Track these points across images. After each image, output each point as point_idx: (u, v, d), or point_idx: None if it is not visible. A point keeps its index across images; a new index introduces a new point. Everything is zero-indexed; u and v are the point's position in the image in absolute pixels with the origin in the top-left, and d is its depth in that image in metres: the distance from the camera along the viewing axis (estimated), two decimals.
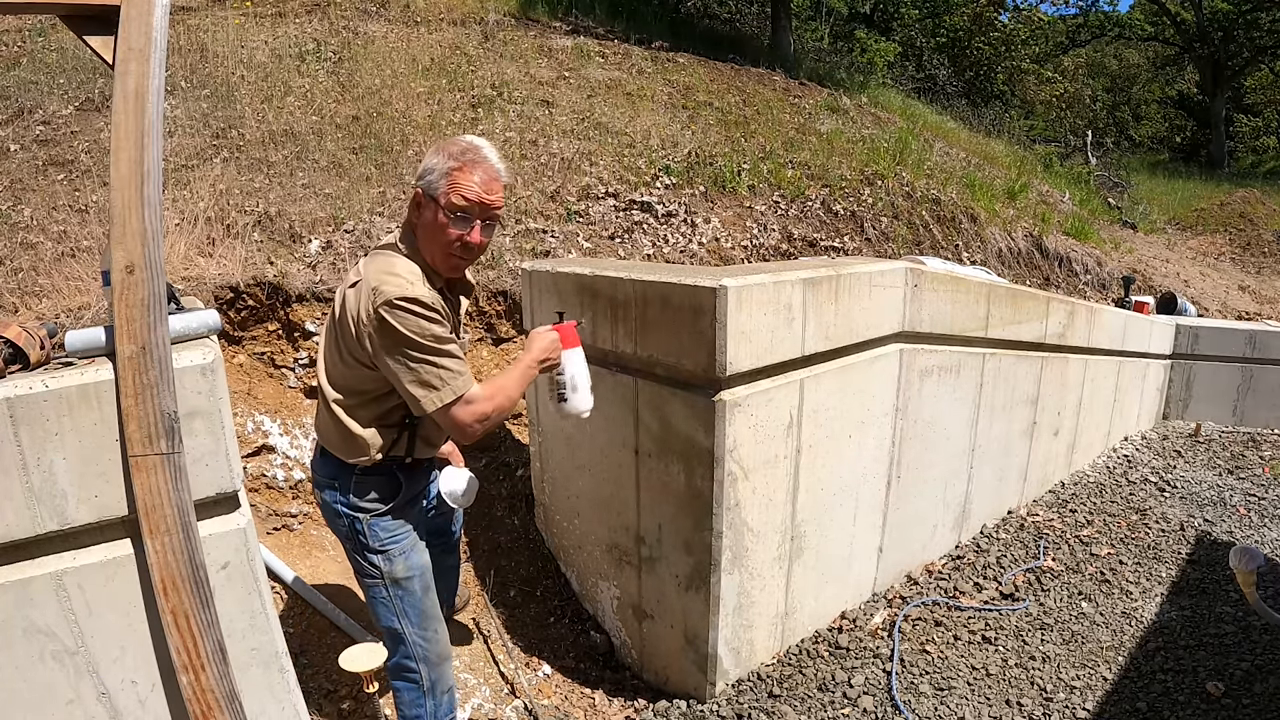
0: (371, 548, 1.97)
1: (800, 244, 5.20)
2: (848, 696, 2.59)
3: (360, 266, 1.85)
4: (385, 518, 1.98)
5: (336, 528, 2.04)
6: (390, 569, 1.99)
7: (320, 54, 5.67)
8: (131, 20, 1.58)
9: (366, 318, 1.73)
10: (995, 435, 3.67)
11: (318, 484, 2.03)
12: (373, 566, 1.99)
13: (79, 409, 1.48)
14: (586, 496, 2.91)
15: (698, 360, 2.27)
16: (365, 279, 1.76)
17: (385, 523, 1.98)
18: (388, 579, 2.00)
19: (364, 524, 1.96)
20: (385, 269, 1.77)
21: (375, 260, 1.82)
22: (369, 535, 1.96)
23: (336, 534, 2.08)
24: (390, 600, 2.02)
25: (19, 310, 3.13)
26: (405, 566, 2.01)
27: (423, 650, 2.08)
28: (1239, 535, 3.87)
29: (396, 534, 2.00)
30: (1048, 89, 19.05)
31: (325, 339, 1.94)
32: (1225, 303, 8.13)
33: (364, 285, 1.75)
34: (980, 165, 8.56)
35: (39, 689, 1.54)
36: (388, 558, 1.99)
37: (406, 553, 2.02)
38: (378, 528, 1.97)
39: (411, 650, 2.07)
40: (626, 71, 6.93)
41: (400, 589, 2.02)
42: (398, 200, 4.20)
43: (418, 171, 1.82)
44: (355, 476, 1.94)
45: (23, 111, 4.47)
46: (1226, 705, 2.53)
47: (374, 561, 1.99)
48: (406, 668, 2.09)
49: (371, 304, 1.71)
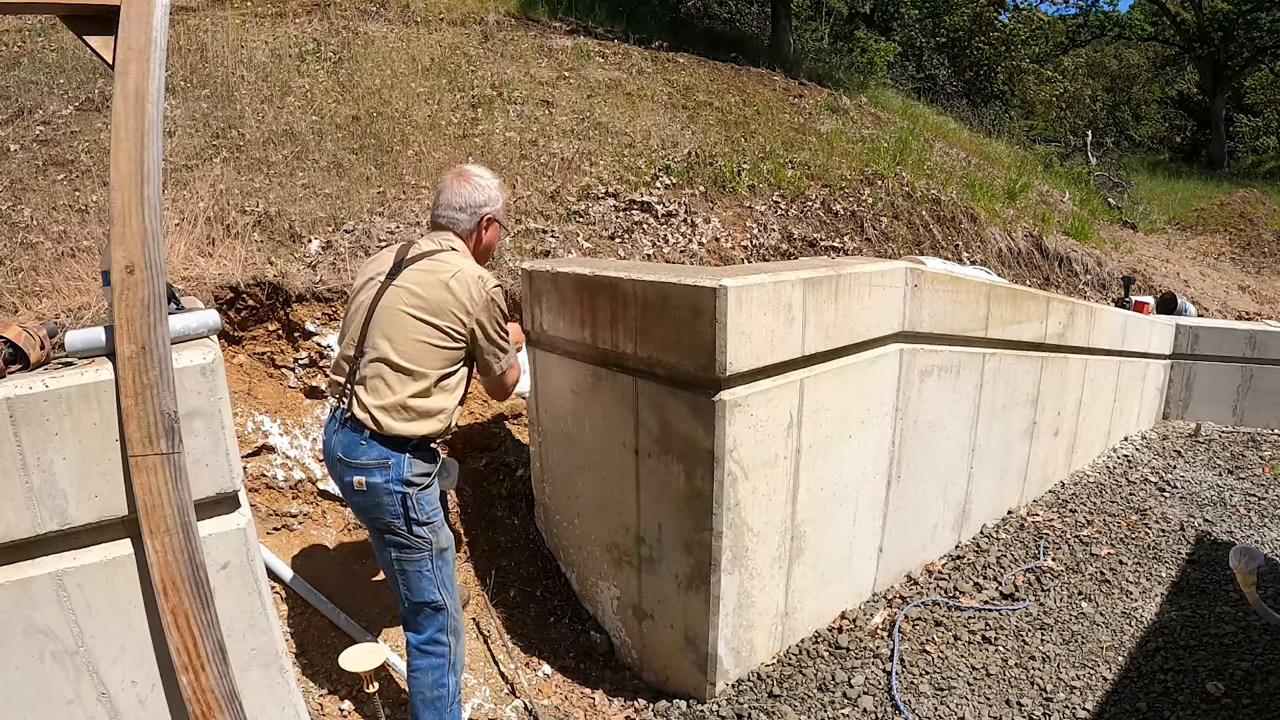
0: (421, 520, 2.13)
1: (800, 244, 5.20)
2: (848, 696, 2.59)
3: (443, 261, 2.17)
4: (429, 491, 2.16)
5: (382, 509, 2.11)
6: (437, 540, 2.17)
7: (320, 54, 5.67)
8: (131, 20, 1.58)
9: (480, 297, 2.13)
10: (995, 435, 3.67)
11: (360, 470, 2.09)
12: (421, 540, 2.14)
13: (79, 409, 1.48)
14: (586, 496, 2.90)
15: (698, 360, 2.27)
16: (465, 271, 2.14)
17: (429, 495, 2.16)
18: (434, 549, 2.17)
19: (414, 498, 2.11)
20: (472, 265, 2.21)
21: (453, 258, 2.19)
22: (418, 509, 2.12)
23: (377, 517, 2.14)
24: (434, 571, 2.18)
25: (19, 310, 3.12)
26: (446, 537, 2.22)
27: (454, 622, 2.24)
28: (1239, 535, 3.87)
29: (437, 506, 2.20)
30: (1048, 89, 19.04)
31: (397, 331, 2.10)
32: (1225, 303, 8.13)
33: (465, 276, 2.13)
34: (980, 165, 8.56)
35: (39, 689, 1.54)
36: (433, 529, 2.16)
37: (444, 525, 2.22)
38: (424, 500, 2.14)
39: (448, 622, 2.22)
40: (626, 71, 6.93)
41: (443, 559, 2.20)
42: (398, 200, 4.20)
43: (479, 199, 2.29)
44: (409, 455, 2.10)
45: (23, 111, 4.46)
46: (1226, 705, 2.53)
47: (422, 534, 2.14)
48: (438, 641, 2.21)
49: (483, 288, 2.14)
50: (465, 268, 2.16)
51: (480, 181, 2.30)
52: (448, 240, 2.25)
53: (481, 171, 2.34)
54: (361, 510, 2.19)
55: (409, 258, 2.20)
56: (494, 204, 2.32)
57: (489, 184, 2.31)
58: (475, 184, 2.29)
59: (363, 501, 2.15)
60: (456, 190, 2.28)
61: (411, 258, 2.19)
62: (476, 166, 2.37)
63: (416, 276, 2.14)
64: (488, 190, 2.30)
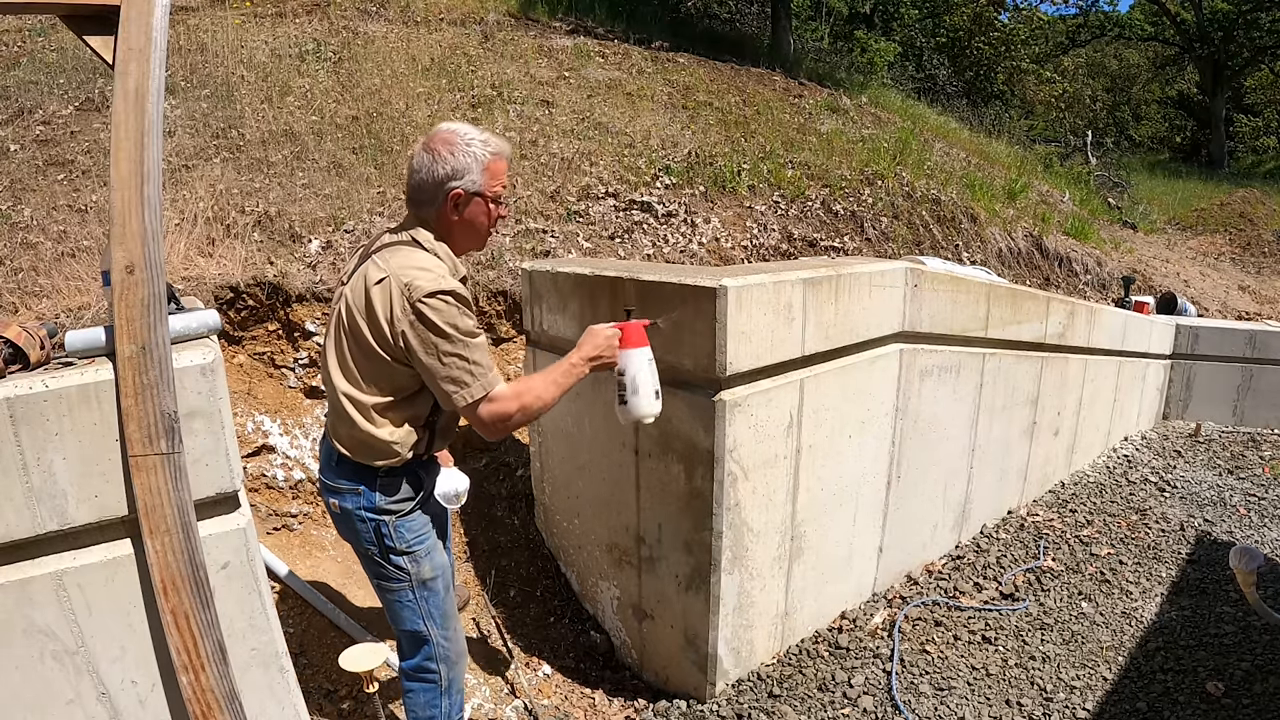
0: (398, 550, 1.92)
1: (800, 244, 5.20)
2: (848, 696, 2.59)
3: (377, 262, 1.79)
4: (410, 518, 1.93)
5: (357, 536, 1.95)
6: (417, 571, 1.95)
7: (320, 54, 5.67)
8: (131, 20, 1.58)
9: (401, 312, 1.70)
10: (995, 435, 3.67)
11: (333, 493, 1.92)
12: (399, 570, 1.94)
13: (79, 409, 1.48)
14: (586, 496, 2.91)
15: (698, 360, 2.27)
16: (392, 275, 1.73)
17: (410, 523, 1.93)
18: (415, 581, 1.95)
19: (390, 526, 1.90)
20: (411, 264, 1.75)
21: (395, 255, 1.79)
22: (395, 538, 1.91)
23: (355, 543, 1.99)
24: (416, 603, 1.98)
25: (19, 310, 3.13)
26: (430, 567, 1.98)
27: (444, 650, 2.06)
28: (1239, 535, 3.87)
29: (421, 534, 1.96)
30: (1048, 89, 19.03)
31: (335, 343, 1.85)
32: (1225, 303, 8.13)
33: (391, 281, 1.72)
34: (980, 165, 8.56)
35: (39, 689, 1.54)
36: (414, 559, 1.94)
37: (431, 553, 1.99)
38: (404, 529, 1.92)
39: (435, 651, 2.03)
40: (626, 71, 6.93)
41: (426, 590, 1.98)
42: (398, 200, 4.20)
43: (443, 172, 1.80)
44: (380, 478, 1.88)
45: (23, 111, 4.46)
46: (1226, 705, 2.53)
47: (400, 564, 1.93)
48: (426, 669, 2.05)
49: (406, 299, 1.69)
50: (400, 267, 1.74)
51: (445, 150, 1.80)
52: (411, 228, 1.86)
53: (453, 132, 1.82)
54: (341, 534, 2.06)
55: (370, 251, 1.87)
56: (465, 174, 1.81)
57: (461, 149, 1.80)
58: (438, 152, 1.80)
59: (340, 525, 2.00)
60: (418, 162, 1.83)
61: (371, 252, 1.86)
62: (451, 125, 1.86)
63: (355, 282, 1.81)
64: (454, 159, 1.80)
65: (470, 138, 1.82)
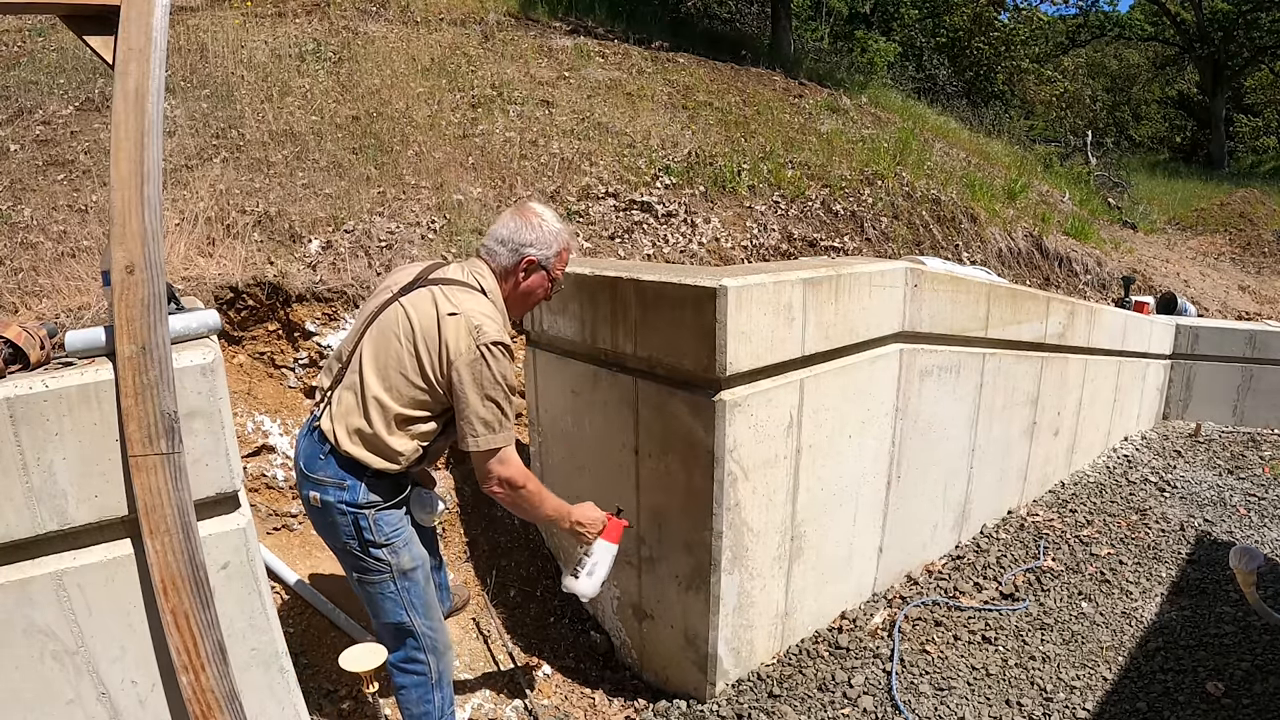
0: (377, 542, 2.00)
1: (800, 244, 5.20)
2: (848, 696, 2.59)
3: (448, 295, 1.96)
4: (388, 511, 2.02)
5: (335, 530, 2.01)
6: (397, 561, 2.03)
7: (320, 54, 5.67)
8: (131, 20, 1.58)
9: (466, 349, 1.89)
10: (995, 435, 3.67)
11: (316, 485, 1.99)
12: (379, 562, 2.02)
13: (79, 409, 1.48)
14: (587, 496, 2.89)
15: (698, 360, 2.27)
16: (465, 314, 1.91)
17: (388, 516, 2.02)
18: (395, 572, 2.03)
19: (369, 519, 1.98)
20: (482, 310, 1.96)
21: (466, 296, 1.98)
22: (375, 530, 1.99)
23: (333, 536, 2.04)
24: (398, 593, 2.05)
25: (19, 310, 3.13)
26: (410, 557, 2.06)
27: (430, 640, 2.13)
28: (1239, 535, 3.86)
29: (399, 526, 2.05)
30: (1048, 89, 19.03)
31: (380, 347, 1.96)
32: (1225, 303, 8.13)
33: (463, 320, 1.90)
34: (980, 165, 8.56)
35: (39, 689, 1.54)
36: (393, 550, 2.02)
37: (409, 544, 2.07)
38: (382, 521, 2.00)
39: (421, 642, 2.11)
40: (626, 71, 6.93)
41: (407, 580, 2.06)
42: (398, 200, 4.20)
43: (527, 238, 2.06)
44: (369, 478, 1.98)
45: (23, 111, 4.47)
46: (1226, 705, 2.53)
47: (380, 556, 2.01)
48: (414, 660, 2.12)
49: (474, 340, 1.89)
50: (473, 309, 1.93)
51: (535, 220, 2.08)
52: (479, 274, 2.06)
53: (545, 211, 2.11)
54: (317, 528, 2.10)
55: (430, 278, 2.03)
56: (543, 247, 2.07)
57: (547, 226, 2.08)
58: (528, 220, 2.07)
59: (317, 519, 2.06)
60: (506, 221, 2.09)
61: (432, 279, 2.02)
62: (542, 205, 2.15)
63: (421, 303, 1.96)
64: (540, 231, 2.06)
65: (555, 221, 2.12)
